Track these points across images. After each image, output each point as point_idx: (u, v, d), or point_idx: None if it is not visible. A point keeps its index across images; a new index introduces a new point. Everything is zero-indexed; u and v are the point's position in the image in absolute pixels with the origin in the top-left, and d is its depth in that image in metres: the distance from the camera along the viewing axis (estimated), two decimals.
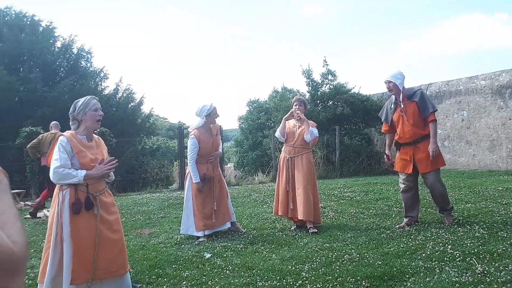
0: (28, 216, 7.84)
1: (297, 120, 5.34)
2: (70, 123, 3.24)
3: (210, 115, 5.12)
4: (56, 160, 2.99)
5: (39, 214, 7.79)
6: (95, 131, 3.36)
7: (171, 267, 4.01)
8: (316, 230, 5.02)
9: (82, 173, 3.02)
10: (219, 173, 5.36)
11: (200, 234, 5.07)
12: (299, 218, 5.10)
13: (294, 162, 5.25)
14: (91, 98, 3.24)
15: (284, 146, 5.47)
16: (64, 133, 3.15)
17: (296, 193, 5.15)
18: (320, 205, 5.58)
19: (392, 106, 5.10)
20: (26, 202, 9.35)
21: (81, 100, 3.19)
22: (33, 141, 7.98)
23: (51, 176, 3.01)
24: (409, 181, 5.04)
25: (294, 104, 5.37)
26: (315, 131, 5.27)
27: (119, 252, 3.21)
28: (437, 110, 5.13)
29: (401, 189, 5.15)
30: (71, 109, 3.21)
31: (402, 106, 4.95)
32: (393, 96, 5.09)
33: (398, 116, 5.00)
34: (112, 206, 3.29)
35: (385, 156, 5.35)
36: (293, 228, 5.33)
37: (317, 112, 13.01)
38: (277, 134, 5.48)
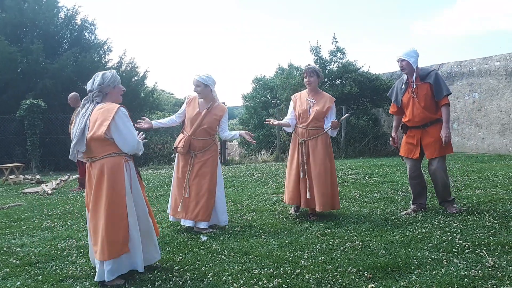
0: (26, 190, 7.73)
1: (310, 94, 4.78)
2: (94, 95, 3.17)
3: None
4: (133, 133, 3.15)
5: (37, 189, 7.68)
6: None
7: (165, 250, 3.85)
8: (316, 217, 4.72)
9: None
10: (207, 160, 4.43)
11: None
12: (316, 209, 4.63)
13: (309, 146, 4.68)
14: (116, 72, 3.26)
15: (295, 127, 4.85)
16: (116, 105, 3.13)
17: (313, 182, 4.61)
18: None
19: (402, 86, 4.79)
20: (26, 176, 9.22)
21: (107, 73, 3.20)
22: (72, 119, 7.14)
23: (137, 146, 3.16)
24: (416, 166, 4.81)
25: (304, 75, 4.80)
26: (334, 123, 4.62)
27: None
28: (451, 93, 4.83)
29: (408, 176, 4.91)
30: (98, 80, 3.16)
31: (414, 86, 4.64)
32: (404, 76, 4.77)
33: (409, 98, 4.70)
34: None
35: (390, 138, 5.05)
36: (292, 209, 5.06)
37: (324, 90, 12.67)
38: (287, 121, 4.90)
